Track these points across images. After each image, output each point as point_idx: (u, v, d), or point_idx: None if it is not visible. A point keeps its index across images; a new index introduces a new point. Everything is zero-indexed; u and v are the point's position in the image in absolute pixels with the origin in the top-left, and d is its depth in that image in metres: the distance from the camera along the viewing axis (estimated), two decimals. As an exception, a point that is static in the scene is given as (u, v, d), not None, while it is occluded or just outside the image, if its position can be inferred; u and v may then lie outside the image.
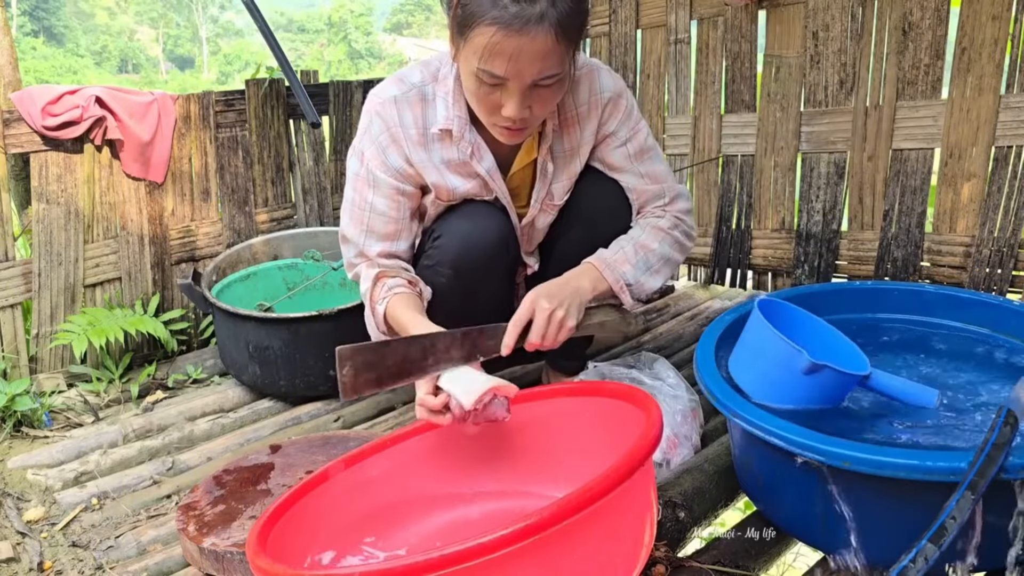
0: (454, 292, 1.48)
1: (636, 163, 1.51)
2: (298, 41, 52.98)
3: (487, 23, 1.14)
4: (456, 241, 1.45)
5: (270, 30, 2.27)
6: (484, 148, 1.43)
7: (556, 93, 1.27)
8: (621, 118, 1.48)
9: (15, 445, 1.81)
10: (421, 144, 1.42)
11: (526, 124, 1.28)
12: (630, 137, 1.49)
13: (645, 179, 1.51)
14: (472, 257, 1.45)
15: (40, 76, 29.06)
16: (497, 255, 1.48)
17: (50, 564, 1.39)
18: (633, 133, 1.50)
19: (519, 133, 1.31)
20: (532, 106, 1.24)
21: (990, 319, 1.48)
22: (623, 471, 0.90)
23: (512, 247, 1.53)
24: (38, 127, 1.97)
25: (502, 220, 1.49)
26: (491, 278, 1.51)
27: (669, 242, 1.48)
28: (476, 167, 1.43)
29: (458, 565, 0.81)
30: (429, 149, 1.42)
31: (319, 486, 1.21)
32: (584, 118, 1.46)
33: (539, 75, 1.19)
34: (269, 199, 2.49)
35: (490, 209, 1.49)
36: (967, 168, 2.06)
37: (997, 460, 0.94)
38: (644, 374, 1.61)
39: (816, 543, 1.20)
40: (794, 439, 1.07)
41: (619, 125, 1.48)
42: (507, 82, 1.20)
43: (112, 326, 2.02)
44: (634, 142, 1.50)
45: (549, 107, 1.29)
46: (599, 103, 1.45)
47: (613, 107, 1.46)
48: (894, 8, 2.10)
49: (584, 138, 1.48)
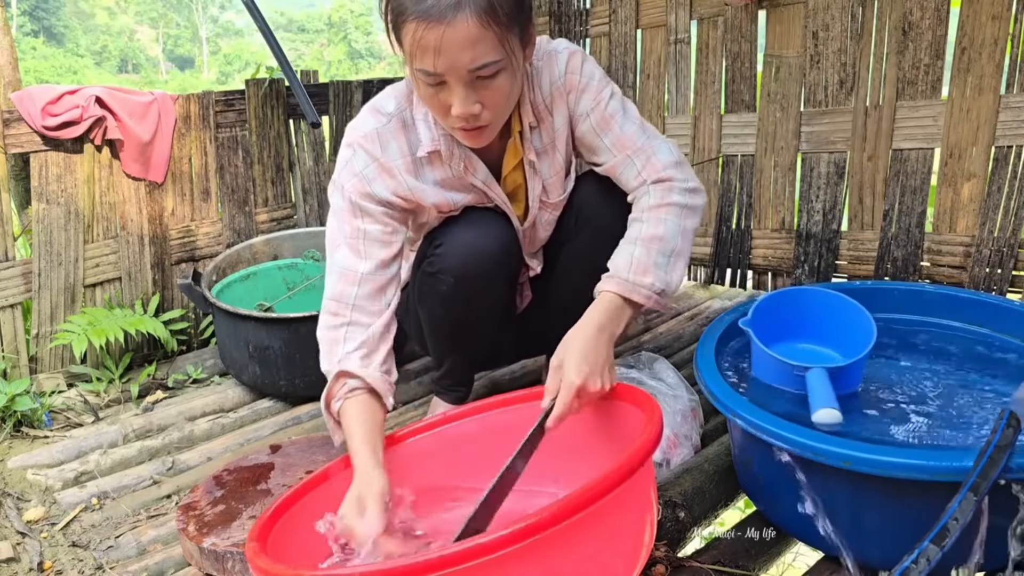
0: (455, 299, 1.46)
1: (602, 135, 1.39)
2: (298, 41, 53.00)
3: (410, 20, 1.11)
4: (459, 249, 1.42)
5: (270, 30, 2.27)
6: (475, 159, 1.39)
7: (505, 84, 1.19)
8: (578, 95, 1.38)
9: (15, 445, 1.81)
10: (412, 172, 1.36)
11: (483, 122, 1.21)
12: (591, 109, 1.38)
13: (613, 151, 1.39)
14: (474, 265, 1.42)
15: (40, 76, 29.07)
16: (499, 263, 1.45)
17: (50, 564, 1.39)
18: (594, 105, 1.38)
19: (479, 133, 1.24)
20: (482, 101, 1.19)
21: (990, 319, 1.48)
22: (623, 471, 0.90)
23: (514, 253, 1.50)
24: (38, 127, 1.97)
25: (503, 227, 1.46)
26: (493, 285, 1.48)
27: (673, 214, 1.32)
28: (471, 180, 1.40)
29: (458, 565, 0.81)
30: (420, 174, 1.38)
31: (319, 486, 1.21)
32: (553, 107, 1.39)
33: (472, 64, 1.13)
34: (269, 199, 2.49)
35: (491, 216, 1.45)
36: (967, 168, 2.06)
37: (1000, 462, 0.94)
38: (644, 374, 1.61)
39: (816, 543, 1.20)
40: (794, 439, 1.07)
41: (579, 102, 1.38)
42: (445, 78, 1.15)
43: (112, 326, 2.02)
44: (595, 113, 1.38)
45: (503, 100, 1.21)
46: (562, 89, 1.38)
47: (570, 87, 1.37)
48: (894, 8, 2.10)
49: (557, 129, 1.41)
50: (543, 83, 1.37)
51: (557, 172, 1.47)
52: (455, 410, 1.38)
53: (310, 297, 2.20)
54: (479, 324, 1.54)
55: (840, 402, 1.22)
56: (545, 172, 1.46)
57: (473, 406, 1.37)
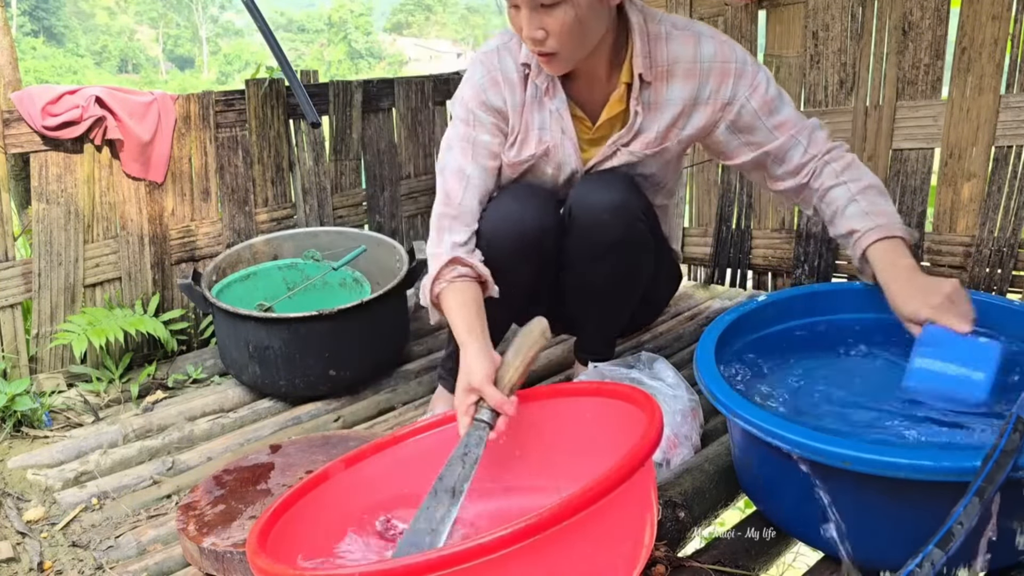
0: (491, 268, 1.49)
1: (764, 118, 1.48)
2: (298, 41, 52.97)
3: None
4: (497, 217, 1.50)
5: (270, 30, 2.27)
6: (558, 86, 1.49)
7: (567, 16, 1.30)
8: (734, 82, 1.47)
9: (15, 445, 1.81)
10: (521, 85, 1.50)
11: (550, 49, 1.34)
12: (751, 95, 1.48)
13: (774, 132, 1.49)
14: (504, 237, 1.49)
15: (40, 76, 29.05)
16: (533, 243, 1.51)
17: (50, 564, 1.39)
18: (752, 90, 1.47)
19: (549, 60, 1.38)
20: (545, 28, 1.31)
21: (990, 319, 1.47)
22: (623, 471, 0.90)
23: (553, 238, 1.54)
24: (38, 127, 1.97)
25: (546, 213, 1.53)
26: (522, 264, 1.53)
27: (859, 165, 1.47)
28: (548, 103, 1.50)
29: (458, 565, 0.81)
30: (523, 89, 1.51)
31: (319, 486, 1.21)
32: (674, 77, 1.47)
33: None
34: (269, 199, 2.49)
35: (541, 199, 1.53)
36: (967, 168, 2.06)
37: (1006, 466, 0.93)
38: (644, 374, 1.61)
39: (816, 543, 1.20)
40: (794, 439, 1.07)
41: (736, 89, 1.48)
42: (518, 2, 1.31)
43: (112, 326, 2.02)
44: (756, 98, 1.48)
45: (565, 32, 1.32)
46: (698, 72, 1.47)
47: (722, 75, 1.47)
48: (894, 8, 2.10)
49: (671, 97, 1.49)
50: (672, 51, 1.46)
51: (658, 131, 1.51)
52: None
53: (310, 297, 2.20)
54: (505, 298, 1.53)
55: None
56: (646, 125, 1.51)
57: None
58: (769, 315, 1.54)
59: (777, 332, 1.54)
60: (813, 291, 1.60)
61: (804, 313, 1.56)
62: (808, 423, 1.24)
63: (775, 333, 1.54)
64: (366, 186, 2.72)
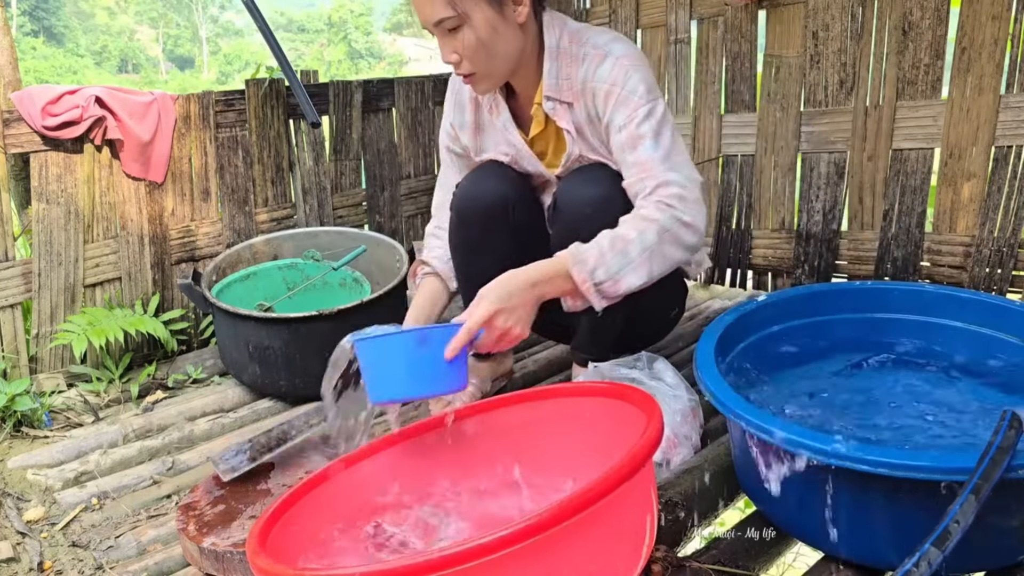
0: (458, 239, 1.66)
1: (628, 153, 1.44)
2: (298, 41, 52.97)
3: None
4: (460, 191, 1.64)
5: (270, 30, 2.27)
6: (502, 104, 1.59)
7: (469, 38, 1.38)
8: (614, 106, 1.45)
9: (15, 445, 1.81)
10: (472, 105, 1.64)
11: (466, 71, 1.43)
12: (624, 125, 1.45)
13: (633, 169, 1.44)
14: (469, 209, 1.61)
15: (40, 76, 29.04)
16: (493, 210, 1.60)
17: (50, 564, 1.39)
18: (627, 121, 1.44)
19: (471, 80, 1.46)
20: (457, 52, 1.40)
21: (990, 319, 1.48)
22: (623, 471, 0.90)
23: (517, 209, 1.61)
24: (38, 127, 1.97)
25: (506, 182, 1.61)
26: (489, 234, 1.61)
27: (654, 230, 1.34)
28: (495, 120, 1.61)
29: (458, 565, 0.81)
30: (473, 109, 1.65)
31: (319, 486, 1.21)
32: (579, 95, 1.50)
33: (432, 19, 1.37)
34: (269, 199, 2.49)
35: (500, 171, 1.63)
36: (967, 168, 2.06)
37: (1001, 464, 0.94)
38: (644, 374, 1.61)
39: (816, 543, 1.20)
40: (794, 439, 1.07)
41: (613, 114, 1.46)
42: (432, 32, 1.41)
43: (112, 326, 2.02)
44: (626, 130, 1.44)
45: (473, 54, 1.40)
46: (592, 91, 1.48)
47: (606, 97, 1.46)
48: (894, 8, 2.10)
49: (580, 116, 1.52)
50: (582, 71, 1.48)
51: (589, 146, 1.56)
52: (457, 410, 1.38)
53: (310, 297, 2.20)
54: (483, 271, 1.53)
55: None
56: (578, 141, 1.55)
57: (475, 406, 1.37)
58: (769, 315, 1.54)
59: (777, 332, 1.54)
60: (813, 291, 1.60)
61: (804, 313, 1.57)
62: (808, 423, 1.24)
63: (775, 333, 1.54)
64: (366, 186, 2.72)
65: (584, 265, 1.31)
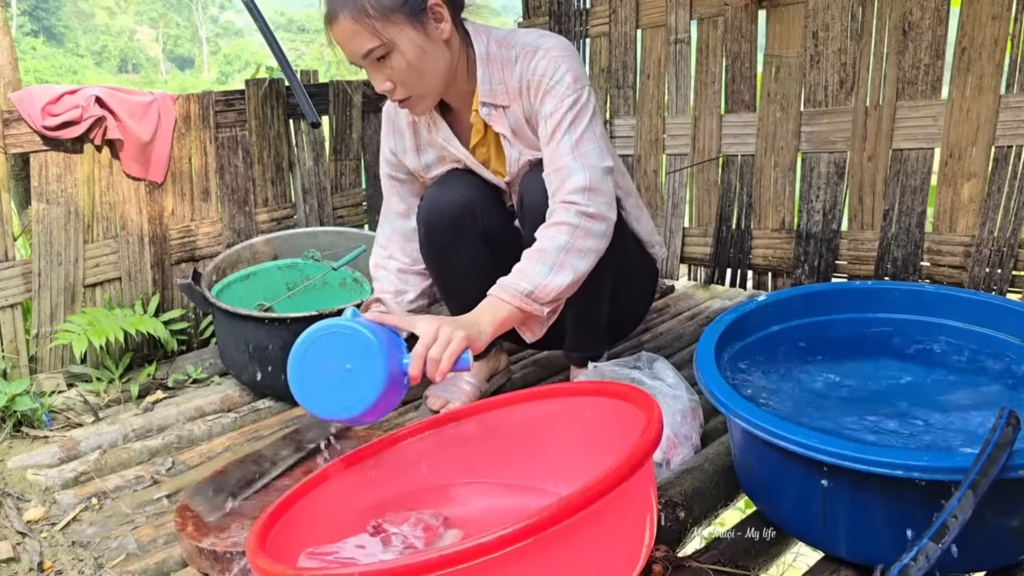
0: (430, 250, 1.66)
1: (546, 144, 1.47)
2: (298, 41, 52.94)
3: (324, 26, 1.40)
4: (425, 202, 1.64)
5: (270, 30, 2.27)
6: (440, 121, 1.59)
7: (399, 63, 1.39)
8: (543, 96, 1.46)
9: (15, 445, 1.81)
10: (410, 129, 1.64)
11: (400, 96, 1.44)
12: (549, 115, 1.46)
13: (546, 160, 1.46)
14: (437, 218, 1.61)
15: (40, 76, 29.03)
16: (461, 217, 1.60)
17: (50, 564, 1.39)
18: (553, 110, 1.45)
19: (408, 104, 1.47)
20: (391, 80, 1.41)
21: (990, 319, 1.48)
22: (623, 471, 0.90)
23: (483, 212, 1.62)
24: (38, 127, 1.97)
25: (470, 188, 1.61)
26: (459, 240, 1.62)
27: (564, 231, 1.38)
28: (436, 137, 1.60)
29: (457, 565, 0.81)
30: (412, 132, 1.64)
31: (319, 486, 1.21)
32: (515, 96, 1.51)
33: (359, 52, 1.37)
34: (269, 199, 2.49)
35: (464, 177, 1.62)
36: (967, 168, 2.06)
37: (998, 460, 0.94)
38: (644, 374, 1.61)
39: (816, 543, 1.20)
40: (794, 439, 1.07)
41: (542, 104, 1.47)
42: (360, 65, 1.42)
43: (112, 326, 2.02)
44: (550, 120, 1.45)
45: (405, 78, 1.41)
46: (527, 85, 1.49)
47: (537, 87, 1.47)
48: (894, 8, 2.10)
49: (518, 116, 1.53)
50: (516, 72, 1.50)
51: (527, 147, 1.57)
52: (457, 410, 1.38)
53: (310, 297, 2.20)
54: (460, 277, 1.67)
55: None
56: (516, 144, 1.56)
57: (475, 406, 1.37)
58: (769, 315, 1.54)
59: (777, 332, 1.54)
60: (813, 291, 1.60)
61: (804, 313, 1.56)
62: (808, 423, 1.24)
63: (775, 333, 1.54)
64: (366, 186, 2.72)
65: (509, 287, 1.35)
